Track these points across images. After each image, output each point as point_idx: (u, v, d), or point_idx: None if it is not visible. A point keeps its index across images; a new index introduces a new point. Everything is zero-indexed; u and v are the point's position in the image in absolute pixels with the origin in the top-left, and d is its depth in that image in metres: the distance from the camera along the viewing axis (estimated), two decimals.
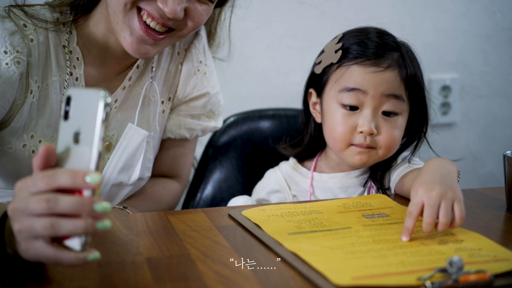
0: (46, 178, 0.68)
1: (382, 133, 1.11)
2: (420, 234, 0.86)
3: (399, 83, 1.11)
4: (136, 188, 1.26)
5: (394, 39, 1.16)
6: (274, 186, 1.23)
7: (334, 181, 1.19)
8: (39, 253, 0.68)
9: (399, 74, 1.11)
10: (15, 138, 1.10)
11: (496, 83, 2.15)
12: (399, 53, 1.13)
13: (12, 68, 1.05)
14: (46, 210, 0.67)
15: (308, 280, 0.73)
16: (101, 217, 0.68)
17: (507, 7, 2.11)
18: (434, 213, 0.84)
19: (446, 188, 0.86)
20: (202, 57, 1.31)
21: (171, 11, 1.04)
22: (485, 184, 2.14)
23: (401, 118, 1.13)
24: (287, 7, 1.89)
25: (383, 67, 1.10)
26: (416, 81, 1.14)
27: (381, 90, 1.09)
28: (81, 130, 0.69)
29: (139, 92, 1.23)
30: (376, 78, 1.09)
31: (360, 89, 1.09)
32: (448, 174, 0.91)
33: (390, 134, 1.11)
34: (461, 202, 0.86)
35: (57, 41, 1.12)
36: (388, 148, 1.12)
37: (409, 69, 1.12)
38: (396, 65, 1.11)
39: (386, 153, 1.13)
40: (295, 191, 1.22)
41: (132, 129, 1.19)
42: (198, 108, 1.31)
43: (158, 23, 1.07)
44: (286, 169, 1.24)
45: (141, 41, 1.08)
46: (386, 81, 1.10)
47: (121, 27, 1.07)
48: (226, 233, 0.91)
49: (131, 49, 1.09)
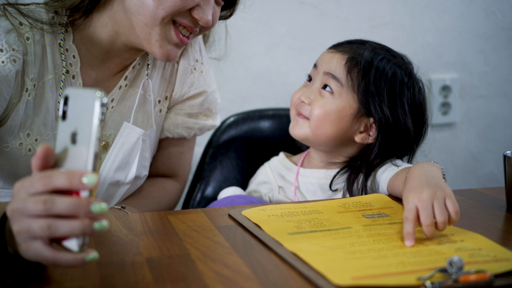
0: (43, 179, 0.68)
1: (313, 103, 1.17)
2: (420, 234, 0.86)
3: (341, 68, 1.17)
4: (134, 187, 1.26)
5: (372, 45, 1.22)
6: (262, 177, 1.29)
7: (314, 175, 1.22)
8: (38, 254, 0.69)
9: (344, 60, 1.17)
10: (12, 136, 1.10)
11: (496, 83, 2.15)
12: (363, 50, 1.18)
13: (8, 66, 1.05)
14: (43, 211, 0.67)
15: (308, 280, 0.73)
16: (98, 218, 0.68)
17: (507, 7, 2.11)
18: (430, 214, 0.85)
19: (434, 189, 0.87)
20: (198, 55, 1.31)
21: (206, 22, 1.10)
22: (485, 184, 2.14)
23: (336, 97, 1.17)
24: (287, 7, 1.89)
25: (336, 50, 1.20)
26: (366, 86, 1.16)
27: (323, 69, 1.19)
28: (78, 130, 0.69)
29: (135, 91, 1.23)
30: (326, 56, 1.20)
31: (315, 65, 1.21)
32: (432, 176, 0.93)
33: (319, 104, 1.17)
34: (452, 197, 0.87)
35: (53, 39, 1.12)
36: (315, 119, 1.16)
37: (360, 72, 1.16)
38: (348, 54, 1.18)
39: (313, 126, 1.17)
40: (280, 183, 1.26)
41: (127, 127, 1.20)
42: (196, 107, 1.31)
43: (190, 32, 1.12)
44: (274, 164, 1.30)
45: (177, 47, 1.12)
46: (331, 60, 1.18)
47: (155, 38, 1.09)
48: (226, 233, 0.91)
49: (163, 56, 1.12)
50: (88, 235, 0.69)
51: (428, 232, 0.84)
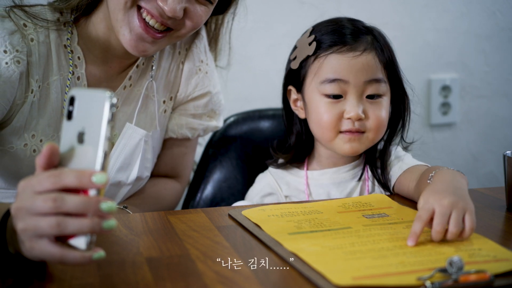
0: (52, 177, 0.68)
1: (370, 117, 1.10)
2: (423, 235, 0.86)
3: (377, 66, 1.11)
4: (135, 188, 1.26)
5: (364, 24, 1.17)
6: (266, 189, 1.21)
7: (325, 177, 1.18)
8: (44, 252, 0.69)
9: (376, 56, 1.11)
10: (16, 137, 1.11)
11: (496, 83, 2.15)
12: (372, 36, 1.14)
13: (12, 67, 1.06)
14: (53, 209, 0.67)
15: (308, 280, 0.73)
16: (106, 216, 0.68)
17: (507, 7, 2.11)
18: (445, 221, 0.83)
19: (458, 199, 0.85)
20: (203, 56, 1.31)
21: (170, 10, 1.05)
22: (485, 184, 2.14)
23: (385, 98, 1.13)
24: (287, 7, 1.89)
25: (360, 51, 1.10)
26: (392, 62, 1.14)
27: (362, 79, 1.09)
28: (86, 130, 0.69)
29: (140, 92, 1.23)
30: (355, 64, 1.09)
31: (342, 79, 1.09)
32: (460, 187, 0.90)
33: (378, 116, 1.11)
34: (473, 214, 0.84)
35: (58, 40, 1.12)
36: (377, 130, 1.12)
37: (385, 50, 1.13)
38: (372, 48, 1.11)
39: (376, 136, 1.12)
40: (287, 191, 1.20)
41: (130, 128, 1.20)
42: (200, 108, 1.31)
43: (157, 21, 1.08)
44: (276, 171, 1.22)
45: (140, 39, 1.09)
46: (365, 66, 1.10)
47: (120, 24, 1.08)
48: (226, 233, 0.91)
49: (130, 47, 1.09)
50: (95, 234, 0.69)
51: (436, 237, 0.83)
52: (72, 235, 0.69)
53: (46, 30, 1.11)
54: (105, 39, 1.14)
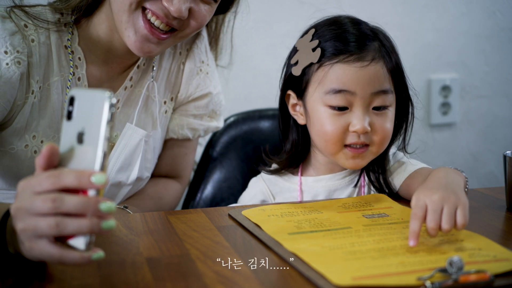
0: (51, 177, 0.68)
1: (375, 129, 1.06)
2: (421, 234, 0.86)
3: (385, 76, 1.06)
4: (136, 189, 1.26)
5: (368, 26, 1.11)
6: (259, 196, 1.18)
7: (320, 184, 1.14)
8: (43, 252, 0.69)
9: (385, 65, 1.06)
10: (17, 138, 1.11)
11: (496, 83, 2.15)
12: (378, 41, 1.08)
13: (13, 68, 1.05)
14: (52, 209, 0.67)
15: (308, 280, 0.73)
16: (106, 217, 0.68)
17: (507, 7, 2.11)
18: (437, 217, 0.83)
19: (449, 193, 0.85)
20: (204, 57, 1.31)
21: (176, 10, 1.05)
22: (485, 184, 2.14)
23: (391, 109, 1.08)
24: (287, 7, 1.89)
25: (367, 61, 1.04)
26: (399, 69, 1.10)
27: (370, 90, 1.04)
28: (85, 131, 0.69)
29: (140, 92, 1.23)
30: (363, 76, 1.03)
31: (348, 91, 1.03)
32: (452, 182, 0.90)
33: (384, 129, 1.07)
34: (465, 208, 0.84)
35: (59, 41, 1.12)
36: (381, 143, 1.08)
37: (392, 57, 1.08)
38: (379, 56, 1.06)
39: (380, 148, 1.09)
40: (279, 198, 1.15)
41: (130, 128, 1.19)
42: (201, 108, 1.31)
43: (162, 22, 1.08)
44: (269, 177, 1.18)
45: (145, 40, 1.09)
46: (373, 77, 1.04)
47: (125, 26, 1.08)
48: (226, 233, 0.91)
49: (135, 48, 1.09)
50: (95, 234, 0.69)
51: (432, 233, 0.83)
52: (71, 236, 0.69)
53: (46, 31, 1.11)
54: (107, 40, 1.14)
